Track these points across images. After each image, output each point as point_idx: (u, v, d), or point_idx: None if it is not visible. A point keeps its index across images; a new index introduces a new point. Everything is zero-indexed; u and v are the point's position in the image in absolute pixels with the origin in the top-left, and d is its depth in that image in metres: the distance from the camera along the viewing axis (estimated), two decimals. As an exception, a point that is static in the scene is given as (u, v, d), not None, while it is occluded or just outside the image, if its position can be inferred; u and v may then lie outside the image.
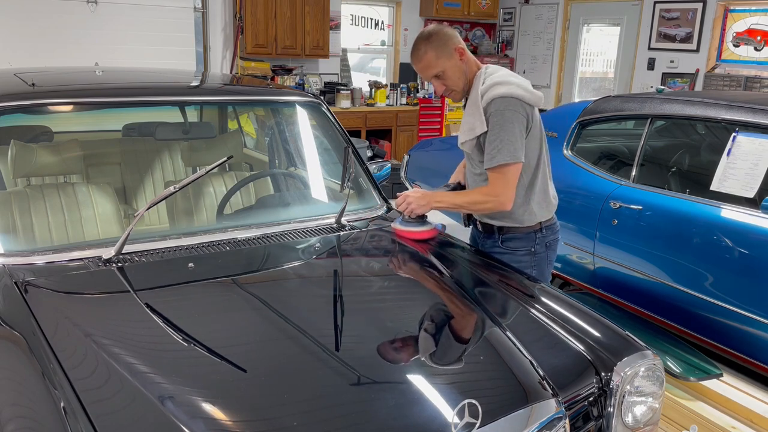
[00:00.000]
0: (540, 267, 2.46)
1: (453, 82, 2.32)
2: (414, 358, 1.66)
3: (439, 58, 2.26)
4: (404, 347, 1.71)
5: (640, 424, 1.78)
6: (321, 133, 2.81)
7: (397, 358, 1.65)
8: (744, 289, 2.85)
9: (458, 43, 2.29)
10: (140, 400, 1.38)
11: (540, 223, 2.42)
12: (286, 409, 1.41)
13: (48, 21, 5.94)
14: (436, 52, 2.26)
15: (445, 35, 2.27)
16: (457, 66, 2.29)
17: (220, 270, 2.01)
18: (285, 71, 7.31)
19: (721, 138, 3.20)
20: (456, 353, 1.74)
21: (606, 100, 3.79)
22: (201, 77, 3.65)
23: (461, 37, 9.26)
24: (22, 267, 1.89)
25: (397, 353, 1.67)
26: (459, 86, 2.34)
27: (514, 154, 2.22)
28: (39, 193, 2.27)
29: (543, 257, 2.46)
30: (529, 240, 2.42)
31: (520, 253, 2.42)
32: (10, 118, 2.37)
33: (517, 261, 2.40)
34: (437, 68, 2.28)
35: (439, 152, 4.90)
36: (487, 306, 1.97)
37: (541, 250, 2.45)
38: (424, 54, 2.27)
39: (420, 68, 2.31)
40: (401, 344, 1.73)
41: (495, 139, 2.22)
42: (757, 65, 6.21)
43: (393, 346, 1.71)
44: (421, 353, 1.69)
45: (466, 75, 2.32)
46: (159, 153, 2.85)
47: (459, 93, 2.37)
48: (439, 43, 2.26)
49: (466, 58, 2.31)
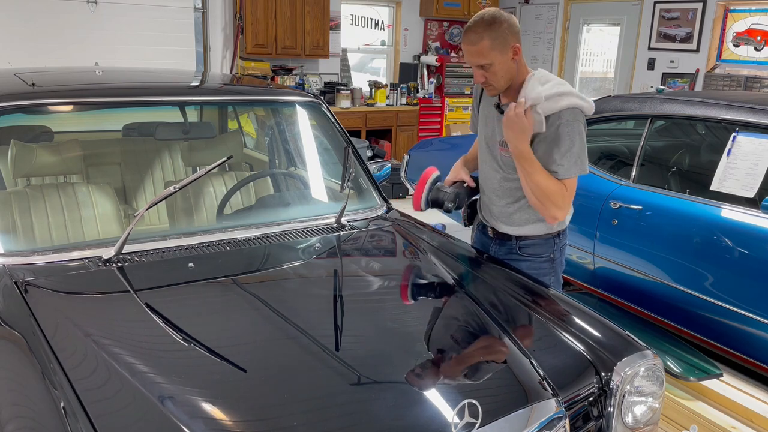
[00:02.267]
0: (556, 273, 2.43)
1: (497, 78, 2.16)
2: (414, 359, 1.66)
3: (494, 49, 2.09)
4: (404, 347, 1.71)
5: (640, 424, 1.78)
6: (321, 133, 2.81)
7: (397, 358, 1.65)
8: (744, 289, 2.85)
9: (517, 41, 2.13)
10: (140, 400, 1.38)
11: (558, 230, 2.38)
12: (286, 409, 1.41)
13: (48, 21, 5.94)
14: (492, 42, 2.08)
15: (508, 26, 2.09)
16: (508, 64, 2.14)
17: (220, 270, 2.01)
18: (285, 71, 7.31)
19: (721, 138, 3.20)
20: (456, 353, 1.74)
21: (606, 100, 3.79)
22: (201, 77, 3.65)
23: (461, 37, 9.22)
24: (22, 267, 1.89)
25: (397, 353, 1.67)
26: (500, 84, 2.18)
27: (584, 166, 2.17)
28: (39, 193, 2.27)
29: (559, 262, 2.43)
30: (548, 246, 2.36)
31: (540, 260, 2.37)
32: (10, 118, 2.37)
33: (536, 268, 2.34)
34: (487, 59, 2.11)
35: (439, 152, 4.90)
36: (487, 306, 1.97)
37: (558, 256, 2.41)
38: (480, 40, 2.08)
39: (470, 52, 2.13)
40: (401, 344, 1.73)
41: (570, 150, 2.13)
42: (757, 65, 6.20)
43: (393, 346, 1.71)
44: (421, 353, 1.69)
45: (512, 76, 2.18)
46: (159, 153, 2.85)
47: (497, 90, 2.22)
48: (499, 33, 2.08)
49: (519, 58, 2.16)
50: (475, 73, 2.19)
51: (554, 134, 2.14)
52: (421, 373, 1.58)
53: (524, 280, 2.18)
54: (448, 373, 1.62)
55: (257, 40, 6.96)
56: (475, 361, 1.74)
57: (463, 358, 1.73)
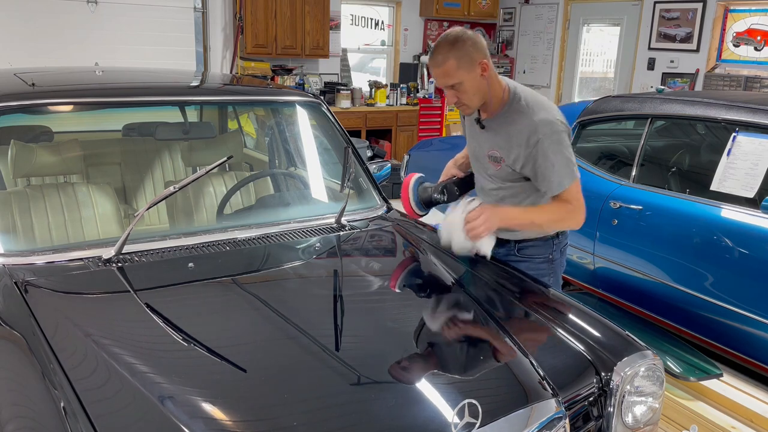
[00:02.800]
0: (556, 273, 2.43)
1: (468, 97, 2.12)
2: (414, 358, 1.66)
3: (460, 68, 2.05)
4: (404, 347, 1.71)
5: (640, 424, 1.78)
6: (321, 133, 2.81)
7: (397, 359, 1.65)
8: (744, 289, 2.85)
9: (484, 57, 2.08)
10: (140, 400, 1.38)
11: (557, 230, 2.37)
12: (286, 409, 1.41)
13: (48, 21, 5.94)
14: (458, 62, 2.04)
15: (472, 44, 2.06)
16: (477, 81, 2.09)
17: (220, 270, 2.01)
18: (285, 71, 7.31)
19: (721, 138, 3.20)
20: (456, 353, 1.74)
21: (606, 100, 3.79)
22: (201, 77, 3.65)
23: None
24: (22, 267, 1.89)
25: (397, 353, 1.67)
26: (474, 102, 2.15)
27: (575, 172, 2.15)
28: (39, 193, 2.27)
29: (558, 263, 2.43)
30: (546, 247, 2.36)
31: (538, 261, 2.36)
32: (10, 118, 2.37)
33: (535, 269, 2.34)
34: (455, 79, 2.07)
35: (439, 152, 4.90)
36: (487, 306, 1.97)
37: (558, 257, 2.41)
38: (444, 60, 2.05)
39: (438, 74, 2.10)
40: (401, 344, 1.73)
41: (555, 164, 2.11)
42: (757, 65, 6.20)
43: (393, 346, 1.71)
44: (421, 353, 1.69)
45: (484, 93, 2.14)
46: (159, 153, 2.85)
47: (471, 109, 2.18)
48: (464, 52, 2.04)
49: (489, 74, 2.11)
50: (447, 94, 2.16)
51: (536, 152, 2.13)
52: (421, 373, 1.58)
53: (524, 280, 2.19)
54: (448, 373, 1.62)
55: (257, 40, 6.96)
56: (475, 361, 1.74)
57: (463, 358, 1.73)
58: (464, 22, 8.86)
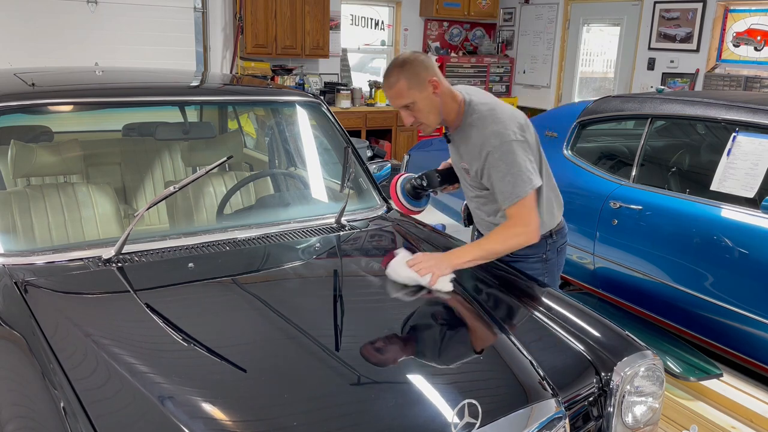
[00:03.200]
0: (552, 273, 2.43)
1: (423, 115, 2.17)
2: (414, 358, 1.66)
3: (411, 88, 2.11)
4: (404, 347, 1.71)
5: (640, 424, 1.78)
6: (321, 133, 2.81)
7: (397, 359, 1.65)
8: (744, 289, 2.85)
9: (433, 75, 2.13)
10: (140, 400, 1.38)
11: (550, 230, 2.38)
12: (286, 409, 1.41)
13: (48, 21, 5.94)
14: (409, 82, 2.10)
15: (420, 64, 2.12)
16: (430, 99, 2.14)
17: (220, 270, 2.01)
18: (285, 71, 7.31)
19: (721, 138, 3.20)
20: (456, 353, 1.74)
21: (606, 100, 3.79)
22: (201, 77, 3.65)
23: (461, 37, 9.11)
24: (22, 267, 1.89)
25: (397, 353, 1.67)
26: (430, 121, 2.19)
27: (529, 181, 2.11)
28: (39, 193, 2.27)
29: (554, 263, 2.43)
30: (540, 247, 2.35)
31: (532, 261, 2.38)
32: (10, 118, 2.37)
33: (529, 268, 2.35)
34: (407, 99, 2.12)
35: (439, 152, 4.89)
36: (487, 306, 1.97)
37: (552, 256, 2.41)
38: (395, 82, 2.12)
39: (390, 96, 2.16)
40: (401, 344, 1.73)
41: (505, 176, 2.11)
42: (757, 65, 6.20)
43: (393, 346, 1.71)
44: (422, 353, 1.69)
45: (440, 110, 2.18)
46: (159, 153, 2.85)
47: (429, 127, 2.22)
48: (413, 72, 2.10)
49: (441, 91, 2.15)
50: (403, 115, 2.20)
51: (487, 165, 2.16)
52: (421, 373, 1.58)
53: (524, 280, 2.19)
54: (448, 373, 1.62)
55: (257, 40, 6.96)
56: (475, 361, 1.74)
57: (463, 358, 1.73)
58: (464, 22, 8.86)
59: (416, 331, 1.83)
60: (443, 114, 2.21)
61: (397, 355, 1.66)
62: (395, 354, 1.67)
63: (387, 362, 1.63)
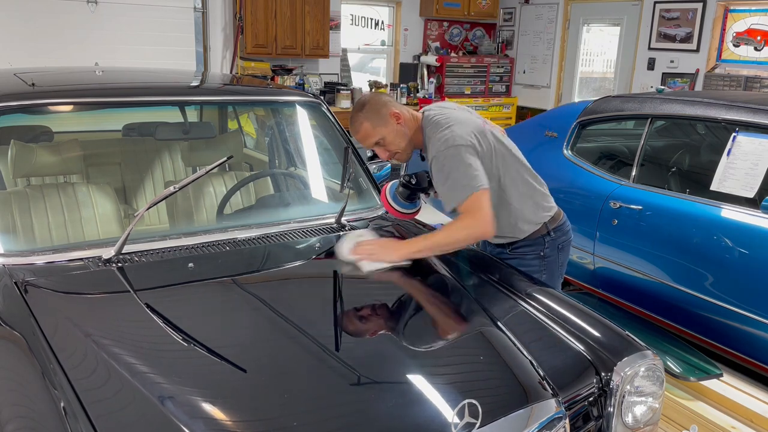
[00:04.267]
0: (550, 270, 2.43)
1: (395, 145, 2.28)
2: (414, 359, 1.66)
3: (376, 126, 2.24)
4: (404, 347, 1.71)
5: (640, 424, 1.78)
6: (321, 133, 2.81)
7: (397, 359, 1.65)
8: (744, 289, 2.85)
9: (392, 108, 2.26)
10: (140, 400, 1.38)
11: (546, 226, 2.38)
12: (286, 409, 1.41)
13: (48, 21, 5.94)
14: (372, 122, 2.24)
15: (377, 103, 2.25)
16: (396, 130, 2.26)
17: (220, 270, 2.01)
18: (285, 71, 7.31)
19: (721, 138, 3.20)
20: (456, 353, 1.74)
21: (606, 100, 3.79)
22: (201, 77, 3.65)
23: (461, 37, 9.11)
24: (22, 267, 1.89)
25: (396, 353, 1.67)
26: (402, 147, 2.30)
27: (471, 185, 2.11)
28: (39, 193, 2.27)
29: (554, 260, 2.43)
30: (537, 244, 2.38)
31: (530, 258, 2.39)
32: (10, 118, 2.37)
33: (526, 265, 2.36)
34: (375, 136, 2.26)
35: (439, 152, 4.89)
36: (488, 306, 1.97)
37: (552, 254, 2.42)
38: (360, 125, 2.26)
39: (359, 138, 2.30)
40: (401, 344, 1.73)
41: (446, 180, 2.15)
42: (757, 65, 6.20)
43: (393, 346, 1.71)
44: (421, 353, 1.69)
45: (408, 137, 2.29)
46: (159, 153, 2.85)
47: (405, 154, 2.33)
48: (373, 111, 2.24)
49: (403, 120, 2.27)
50: (378, 153, 2.33)
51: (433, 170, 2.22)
52: (421, 373, 1.58)
53: (524, 280, 2.18)
54: (448, 373, 1.62)
55: (257, 40, 6.96)
56: (476, 361, 1.74)
57: (463, 358, 1.73)
58: (464, 22, 8.86)
59: (416, 331, 1.83)
60: (413, 139, 2.31)
61: (397, 355, 1.66)
62: (395, 354, 1.67)
63: (387, 362, 1.63)
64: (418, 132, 2.31)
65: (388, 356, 1.66)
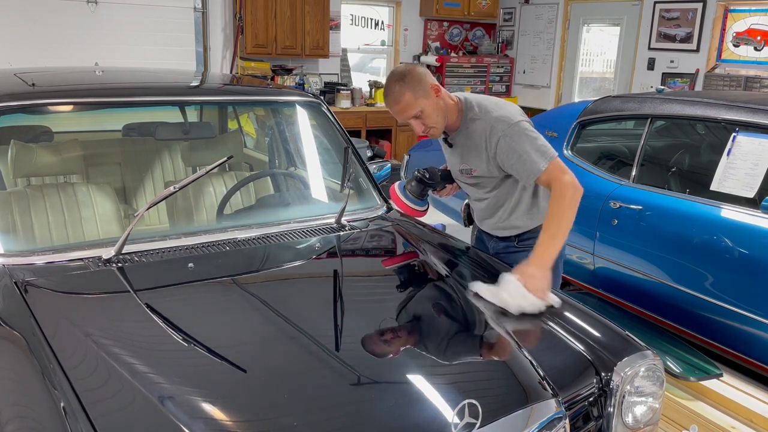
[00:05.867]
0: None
1: (433, 119, 2.24)
2: (414, 359, 1.66)
3: (418, 98, 2.18)
4: (404, 347, 1.71)
5: (640, 424, 1.78)
6: (321, 133, 2.81)
7: (397, 359, 1.65)
8: (744, 289, 2.85)
9: (432, 81, 2.23)
10: (140, 400, 1.38)
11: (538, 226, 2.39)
12: (286, 409, 1.41)
13: (48, 21, 5.94)
14: (414, 92, 2.18)
15: (418, 74, 2.20)
16: (435, 104, 2.23)
17: (220, 270, 2.01)
18: (285, 71, 7.31)
19: (721, 138, 3.20)
20: (456, 353, 1.74)
21: (606, 100, 3.79)
22: (201, 77, 3.65)
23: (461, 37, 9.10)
24: (22, 267, 1.89)
25: (396, 353, 1.67)
26: (440, 123, 2.26)
27: (548, 149, 2.17)
28: (39, 193, 2.27)
29: None
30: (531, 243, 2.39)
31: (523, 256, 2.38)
32: (10, 118, 2.37)
33: None
34: (416, 108, 2.20)
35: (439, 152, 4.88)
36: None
37: None
38: (401, 96, 2.18)
39: (398, 110, 2.22)
40: (401, 344, 1.73)
41: (524, 153, 2.17)
42: (757, 65, 6.20)
43: (393, 346, 1.71)
44: (422, 353, 1.69)
45: (444, 111, 2.26)
46: (159, 153, 2.85)
47: (439, 130, 2.30)
48: (414, 82, 2.18)
49: (442, 94, 2.25)
50: (413, 125, 2.27)
51: (500, 151, 2.21)
52: (421, 373, 1.58)
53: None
54: (448, 373, 1.62)
55: (257, 40, 6.96)
56: (475, 361, 1.74)
57: (463, 358, 1.73)
58: (464, 22, 8.86)
59: (416, 331, 1.83)
60: (448, 116, 2.28)
61: (397, 356, 1.66)
62: (395, 354, 1.67)
63: (387, 362, 1.63)
64: (454, 112, 2.29)
65: (388, 356, 1.66)
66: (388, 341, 1.74)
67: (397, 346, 1.72)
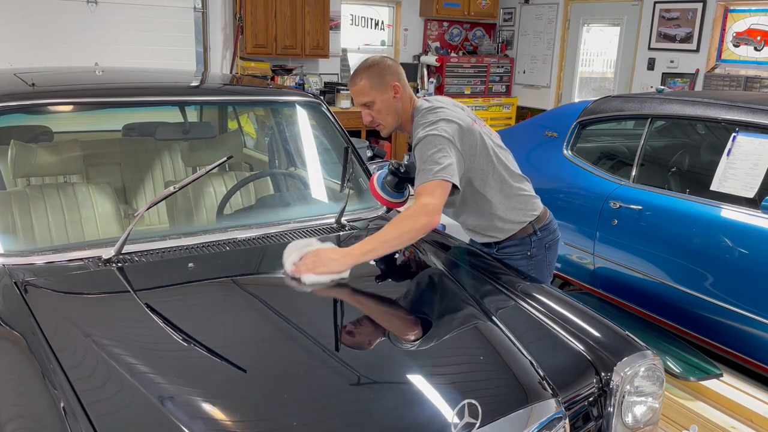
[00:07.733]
0: (539, 270, 2.43)
1: (381, 116, 2.28)
2: (414, 359, 1.65)
3: (372, 89, 2.23)
4: (404, 347, 1.71)
5: (640, 424, 1.78)
6: (321, 133, 2.81)
7: (397, 359, 1.65)
8: (744, 289, 2.85)
9: (397, 80, 2.24)
10: (140, 400, 1.38)
11: (532, 225, 2.39)
12: (286, 409, 1.41)
13: (48, 21, 5.94)
14: (371, 82, 2.23)
15: (385, 68, 2.24)
16: (389, 102, 2.25)
17: (219, 270, 2.01)
18: (285, 71, 7.31)
19: (721, 138, 3.20)
20: (456, 353, 1.74)
21: (606, 100, 3.79)
22: (201, 77, 3.65)
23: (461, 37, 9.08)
24: (22, 267, 1.89)
25: (396, 353, 1.67)
26: (387, 122, 2.29)
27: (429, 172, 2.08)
28: (39, 193, 2.27)
29: (541, 260, 2.44)
30: (524, 244, 2.39)
31: (517, 258, 2.40)
32: (10, 118, 2.37)
33: (514, 265, 2.36)
34: (367, 97, 2.25)
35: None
36: (488, 306, 1.97)
37: (539, 253, 2.42)
38: (359, 80, 2.25)
39: (353, 92, 2.29)
40: (401, 344, 1.73)
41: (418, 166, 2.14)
42: (757, 65, 6.20)
43: (393, 346, 1.71)
44: (421, 353, 1.69)
45: (398, 113, 2.28)
46: (159, 153, 2.85)
47: (386, 129, 2.32)
48: (376, 74, 2.23)
49: (401, 96, 2.26)
50: (362, 114, 2.31)
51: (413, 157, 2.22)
52: (421, 373, 1.58)
53: (524, 280, 2.18)
54: (448, 373, 1.62)
55: (257, 40, 6.96)
56: (476, 361, 1.74)
57: (463, 358, 1.73)
58: (464, 22, 8.86)
59: (416, 331, 1.83)
60: (401, 118, 2.31)
61: (397, 355, 1.66)
62: (395, 354, 1.67)
63: (387, 362, 1.63)
64: (409, 116, 2.31)
65: (388, 356, 1.66)
66: (388, 341, 1.74)
67: (397, 346, 1.72)
